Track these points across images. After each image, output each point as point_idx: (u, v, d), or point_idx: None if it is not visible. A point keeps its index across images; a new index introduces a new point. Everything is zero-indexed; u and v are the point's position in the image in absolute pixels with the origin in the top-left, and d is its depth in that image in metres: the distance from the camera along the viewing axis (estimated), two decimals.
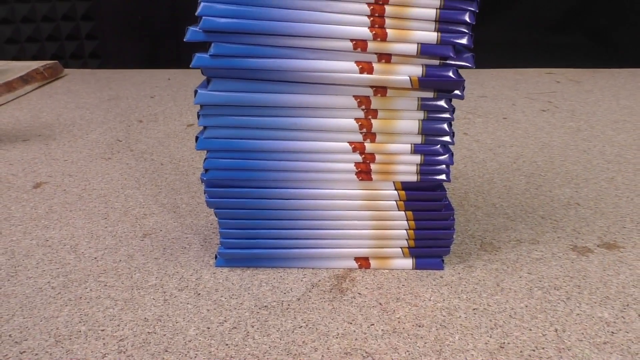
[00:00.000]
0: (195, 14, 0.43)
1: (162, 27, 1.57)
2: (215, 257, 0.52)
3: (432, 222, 0.49)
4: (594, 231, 0.58)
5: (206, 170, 0.48)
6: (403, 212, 0.49)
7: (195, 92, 0.45)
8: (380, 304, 0.46)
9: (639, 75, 1.29)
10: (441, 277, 0.50)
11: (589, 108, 1.04)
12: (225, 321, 0.44)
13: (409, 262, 0.51)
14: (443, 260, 0.52)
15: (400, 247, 0.51)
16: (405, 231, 0.50)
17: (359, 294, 0.47)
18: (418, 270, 0.51)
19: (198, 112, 0.46)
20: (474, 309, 0.45)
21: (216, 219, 0.52)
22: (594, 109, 1.03)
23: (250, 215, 0.49)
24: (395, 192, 0.48)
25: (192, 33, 0.43)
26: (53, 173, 0.74)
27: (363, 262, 0.51)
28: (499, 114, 1.01)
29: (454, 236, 0.56)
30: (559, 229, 0.59)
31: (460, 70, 0.44)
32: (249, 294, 0.47)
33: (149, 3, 1.53)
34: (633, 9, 1.53)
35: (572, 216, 0.62)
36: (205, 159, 0.48)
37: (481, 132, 0.90)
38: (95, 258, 0.53)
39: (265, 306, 0.46)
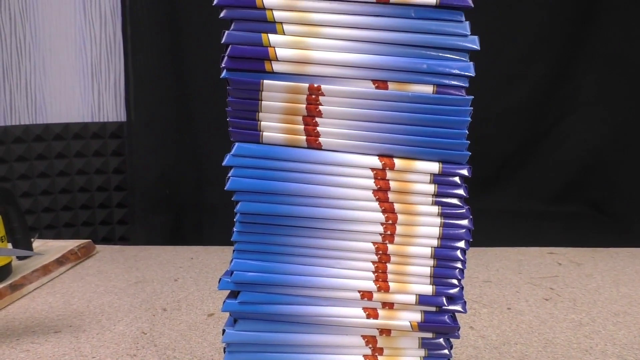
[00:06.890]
0: (229, 268, 0.51)
1: (187, 202, 1.71)
2: None
3: None
4: None
5: None
6: None
7: (223, 331, 0.52)
8: None
9: (637, 256, 1.36)
10: None
11: (590, 297, 1.09)
12: None
13: None
14: None
15: None
16: None
17: None
18: None
19: (224, 348, 0.53)
20: None
21: None
22: (595, 298, 1.08)
23: None
24: None
25: (224, 283, 0.51)
26: None
27: None
28: (504, 303, 1.06)
29: None
30: None
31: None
32: None
33: (176, 177, 1.69)
34: (631, 182, 1.63)
35: None
36: None
37: (487, 326, 0.95)
38: None
39: None
